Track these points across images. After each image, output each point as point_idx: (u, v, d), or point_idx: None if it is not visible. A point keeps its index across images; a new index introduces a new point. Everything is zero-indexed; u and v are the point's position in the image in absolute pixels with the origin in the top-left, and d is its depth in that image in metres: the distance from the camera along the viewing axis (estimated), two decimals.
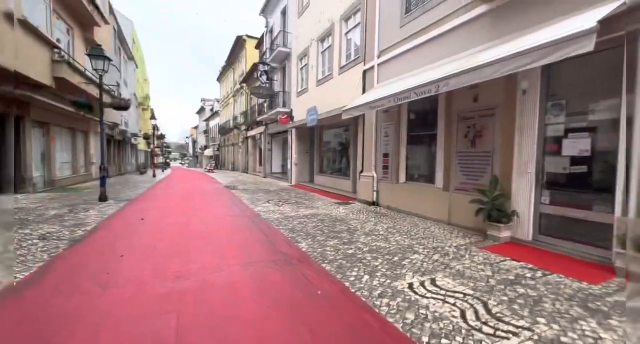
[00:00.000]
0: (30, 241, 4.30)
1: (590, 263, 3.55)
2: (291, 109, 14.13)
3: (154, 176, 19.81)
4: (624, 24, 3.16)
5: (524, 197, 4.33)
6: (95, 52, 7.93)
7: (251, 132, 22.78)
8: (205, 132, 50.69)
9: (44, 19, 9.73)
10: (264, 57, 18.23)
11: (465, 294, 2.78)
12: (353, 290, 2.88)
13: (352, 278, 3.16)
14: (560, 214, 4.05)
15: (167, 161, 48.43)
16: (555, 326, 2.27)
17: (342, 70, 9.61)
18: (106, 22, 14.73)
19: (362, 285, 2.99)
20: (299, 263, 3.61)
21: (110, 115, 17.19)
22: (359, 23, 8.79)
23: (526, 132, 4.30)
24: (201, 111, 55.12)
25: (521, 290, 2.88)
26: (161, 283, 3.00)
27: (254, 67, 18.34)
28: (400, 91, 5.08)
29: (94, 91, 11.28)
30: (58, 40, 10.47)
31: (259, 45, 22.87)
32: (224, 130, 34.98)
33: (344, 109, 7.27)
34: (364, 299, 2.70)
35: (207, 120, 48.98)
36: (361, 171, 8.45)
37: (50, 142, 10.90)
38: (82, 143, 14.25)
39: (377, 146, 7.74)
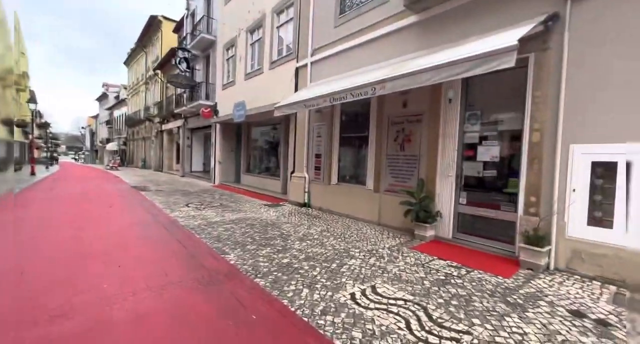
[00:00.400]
0: None
1: (501, 257, 3.99)
2: (215, 103, 12.97)
3: (33, 174, 15.86)
4: (530, 46, 3.61)
5: (446, 198, 4.68)
6: None
7: (167, 126, 20.31)
8: (108, 123, 43.41)
9: None
10: (184, 43, 16.40)
11: (405, 301, 2.75)
12: (293, 309, 2.56)
13: (290, 294, 2.84)
14: (474, 213, 4.48)
15: (55, 155, 39.79)
16: (489, 326, 2.37)
17: (274, 65, 9.16)
18: None
19: (302, 301, 2.69)
20: (228, 279, 3.12)
21: None
22: (292, 18, 8.48)
23: (448, 138, 4.64)
24: (103, 97, 47.00)
25: (453, 290, 3.00)
26: (29, 330, 2.16)
27: (172, 52, 16.31)
28: (337, 91, 4.97)
29: None
30: None
31: (178, 29, 20.55)
32: (132, 121, 30.48)
33: (276, 105, 6.87)
34: (306, 319, 2.41)
35: (110, 109, 42.05)
36: (292, 172, 8.17)
37: None
38: None
39: (309, 147, 7.56)
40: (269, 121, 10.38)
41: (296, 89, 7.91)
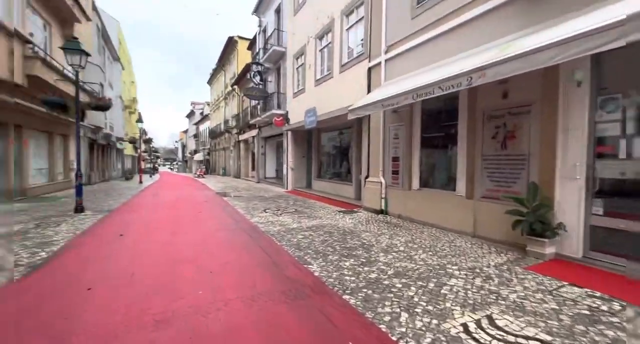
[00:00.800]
0: None
1: None
2: (287, 111, 13.43)
3: (141, 182, 18.75)
4: None
5: (571, 207, 3.73)
6: (71, 45, 7.09)
7: (243, 136, 21.96)
8: (195, 136, 49.47)
9: (15, 11, 8.81)
10: (257, 57, 17.54)
11: (542, 342, 2.11)
12: (394, 338, 2.17)
13: (387, 317, 2.46)
14: (615, 227, 3.45)
15: (156, 166, 46.92)
16: None
17: (344, 68, 8.98)
18: (88, 19, 13.82)
19: (403, 329, 2.29)
20: (314, 294, 2.89)
21: (94, 118, 16.18)
22: (362, 17, 8.19)
23: (573, 131, 3.70)
24: (191, 114, 53.91)
25: (609, 332, 2.23)
26: (136, 333, 2.24)
27: (247, 68, 17.62)
28: (422, 86, 4.45)
29: (72, 91, 10.37)
30: (31, 34, 9.56)
31: (251, 46, 22.19)
32: (214, 134, 34.01)
33: (350, 108, 6.62)
34: None
35: (197, 124, 47.81)
36: (367, 177, 7.79)
37: (23, 147, 9.90)
38: (61, 148, 13.21)
39: (385, 149, 7.09)
40: (340, 125, 10.22)
41: (369, 90, 7.55)
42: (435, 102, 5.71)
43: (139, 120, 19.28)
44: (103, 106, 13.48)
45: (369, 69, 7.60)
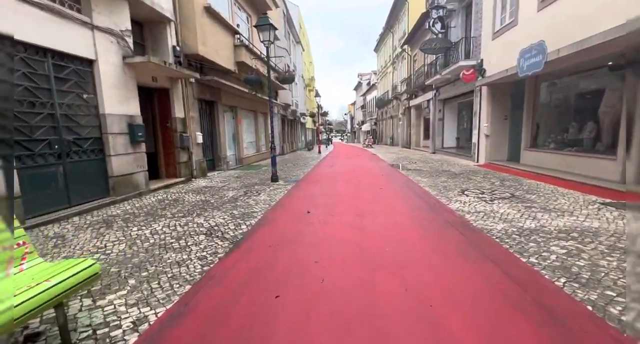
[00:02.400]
0: (195, 239, 3.68)
1: None
2: (480, 60, 10.22)
3: (319, 152, 20.54)
4: None
5: None
6: (262, 21, 7.33)
7: (415, 101, 19.71)
8: (362, 107, 50.84)
9: (227, 7, 10.29)
10: (436, 1, 14.42)
11: None
12: None
13: None
14: None
15: (330, 137, 52.16)
16: None
17: None
18: (277, 6, 15.20)
19: None
20: None
21: (283, 96, 18.51)
22: None
23: None
24: (358, 86, 55.51)
25: None
26: None
27: (423, 19, 14.92)
28: None
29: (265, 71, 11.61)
30: (238, 25, 11.07)
31: None
32: (381, 102, 33.25)
33: None
34: None
35: (364, 95, 48.74)
36: None
37: (238, 124, 12.15)
38: (263, 124, 15.78)
39: None
40: (585, 64, 6.47)
41: None
42: None
43: (317, 95, 20.77)
44: (289, 78, 14.82)
45: None
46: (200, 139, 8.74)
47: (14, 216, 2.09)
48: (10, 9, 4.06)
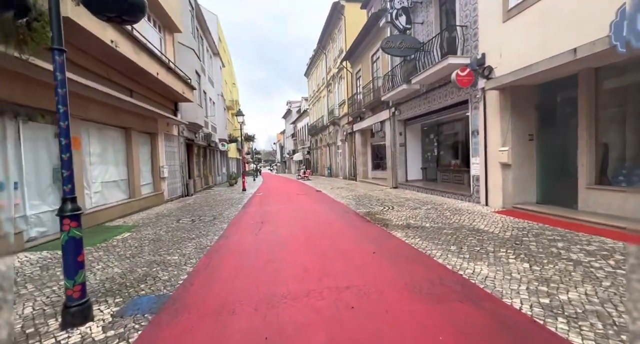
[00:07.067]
0: None
1: None
2: (482, 55, 7.00)
3: (244, 189, 15.15)
4: None
5: None
6: None
7: (361, 125, 16.44)
8: (293, 135, 47.41)
9: None
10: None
11: None
12: None
13: None
14: None
15: (258, 167, 46.62)
16: None
17: None
18: None
19: None
20: None
21: (189, 112, 12.98)
22: None
23: None
24: (287, 114, 52.45)
25: None
26: None
27: (375, 19, 11.88)
28: None
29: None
30: None
31: (367, 3, 16.46)
32: (315, 129, 30.00)
33: None
34: None
35: (294, 123, 45.57)
36: None
37: (73, 148, 6.32)
38: (148, 151, 10.00)
39: None
40: None
41: None
42: None
43: (239, 113, 15.82)
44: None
45: None
46: None
47: None
48: None
